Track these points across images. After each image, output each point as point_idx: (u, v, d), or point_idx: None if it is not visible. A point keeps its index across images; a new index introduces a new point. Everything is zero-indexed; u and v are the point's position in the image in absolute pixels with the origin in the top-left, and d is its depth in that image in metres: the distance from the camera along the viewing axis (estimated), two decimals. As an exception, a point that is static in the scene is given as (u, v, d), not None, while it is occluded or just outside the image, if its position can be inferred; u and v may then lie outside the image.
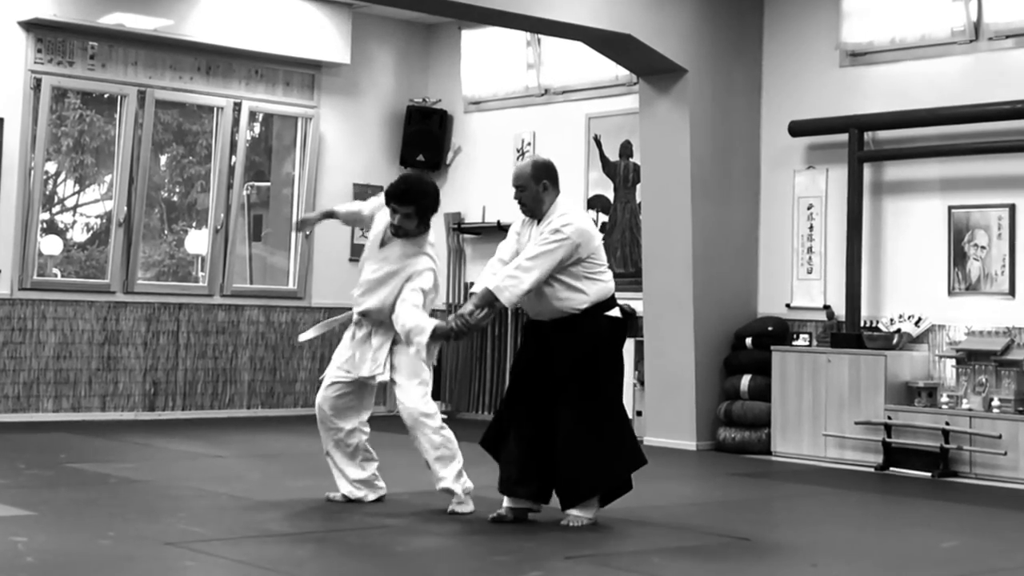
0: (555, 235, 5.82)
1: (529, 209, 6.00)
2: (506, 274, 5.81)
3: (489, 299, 5.80)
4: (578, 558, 5.24)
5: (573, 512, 5.93)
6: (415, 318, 6.00)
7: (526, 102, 11.38)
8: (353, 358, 6.29)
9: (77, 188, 11.54)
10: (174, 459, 8.22)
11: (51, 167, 11.03)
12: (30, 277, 10.11)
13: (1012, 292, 8.51)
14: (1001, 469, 8.05)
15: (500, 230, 10.38)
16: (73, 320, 10.29)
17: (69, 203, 11.59)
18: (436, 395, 7.19)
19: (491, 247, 6.75)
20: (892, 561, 5.54)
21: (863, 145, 9.13)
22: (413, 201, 6.18)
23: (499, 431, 6.05)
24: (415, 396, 6.11)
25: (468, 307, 5.82)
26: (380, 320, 6.23)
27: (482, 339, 11.38)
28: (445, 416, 6.38)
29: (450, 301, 11.69)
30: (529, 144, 11.28)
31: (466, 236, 11.72)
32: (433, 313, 6.28)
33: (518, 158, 11.21)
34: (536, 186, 5.95)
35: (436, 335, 5.93)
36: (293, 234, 11.50)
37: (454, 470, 6.13)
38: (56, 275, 10.91)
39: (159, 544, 5.21)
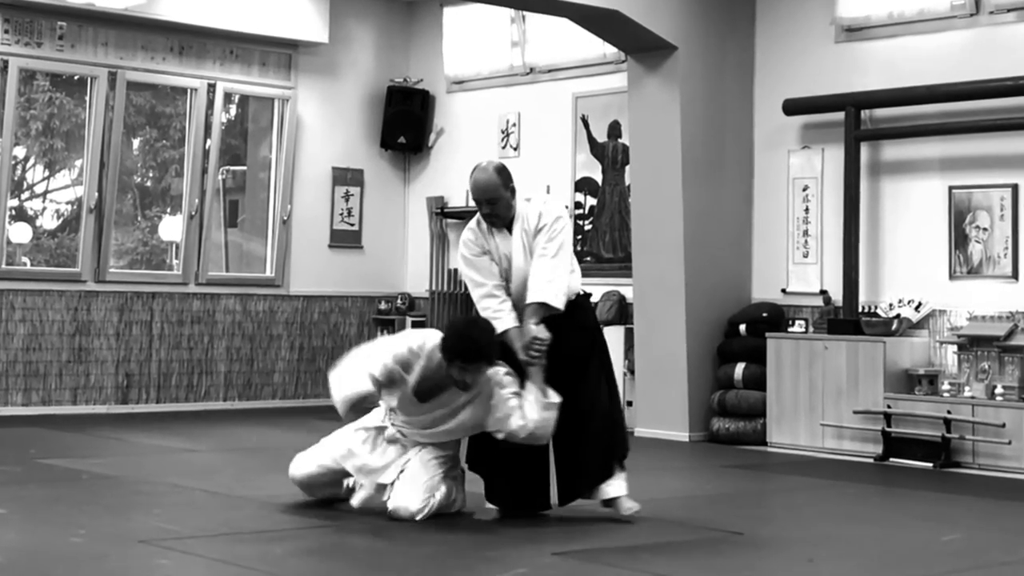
0: (559, 222, 5.83)
1: (501, 218, 5.94)
2: (545, 280, 5.73)
3: (542, 313, 5.70)
4: (565, 554, 5.20)
5: (625, 503, 5.87)
6: (527, 414, 5.62)
7: (510, 81, 11.28)
8: (380, 469, 5.87)
9: (46, 173, 11.43)
10: (147, 454, 8.20)
11: (19, 152, 10.99)
12: (-2, 266, 10.03)
13: (1015, 275, 8.44)
14: (1005, 459, 7.99)
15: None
16: (43, 310, 10.17)
17: (38, 189, 11.47)
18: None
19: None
20: (891, 555, 5.48)
21: (860, 124, 9.07)
22: (485, 358, 5.65)
23: (485, 441, 5.87)
24: (411, 502, 5.71)
25: (531, 328, 5.64)
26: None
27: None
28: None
29: (433, 288, 11.46)
30: (514, 125, 11.14)
31: (449, 221, 11.54)
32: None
33: (502, 140, 11.09)
34: (506, 193, 5.93)
35: (534, 379, 5.64)
36: (271, 224, 11.35)
37: (434, 489, 5.87)
38: (25, 264, 10.84)
39: (132, 542, 5.18)
